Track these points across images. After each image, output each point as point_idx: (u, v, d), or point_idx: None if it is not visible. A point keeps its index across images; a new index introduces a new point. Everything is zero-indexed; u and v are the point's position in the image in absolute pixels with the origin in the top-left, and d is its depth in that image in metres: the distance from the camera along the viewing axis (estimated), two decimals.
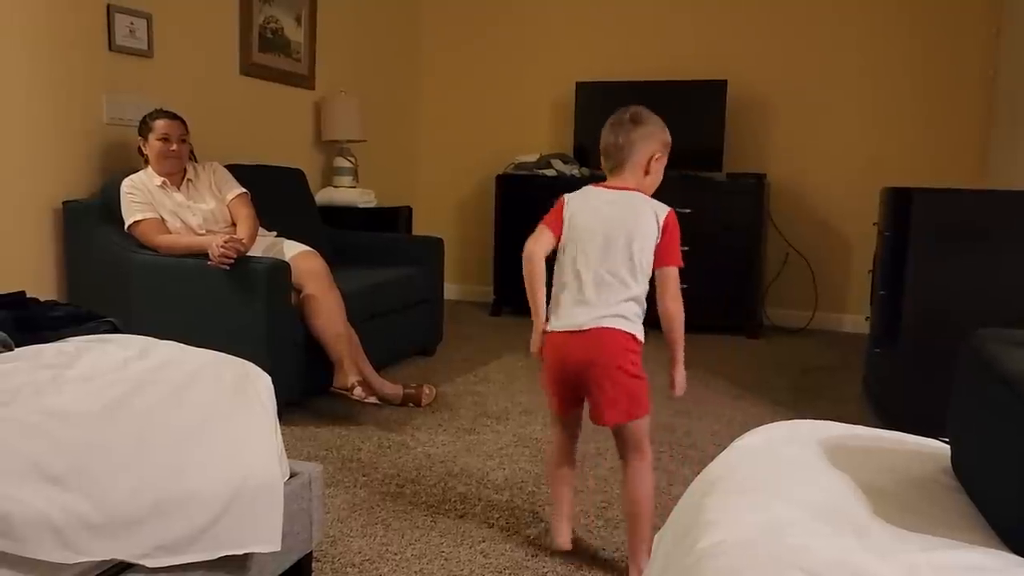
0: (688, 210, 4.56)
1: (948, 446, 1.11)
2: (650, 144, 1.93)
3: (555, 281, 1.92)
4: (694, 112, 4.72)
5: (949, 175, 4.49)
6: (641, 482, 1.91)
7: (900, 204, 2.93)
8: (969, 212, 2.74)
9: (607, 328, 1.83)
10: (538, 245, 1.92)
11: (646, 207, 1.87)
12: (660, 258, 1.87)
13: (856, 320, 4.70)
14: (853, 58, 4.71)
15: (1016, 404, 0.87)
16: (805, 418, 3.04)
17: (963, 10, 4.47)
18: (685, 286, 2.04)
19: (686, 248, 2.05)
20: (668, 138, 2.00)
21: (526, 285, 1.94)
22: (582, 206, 1.90)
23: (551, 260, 1.95)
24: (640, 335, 1.92)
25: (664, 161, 1.97)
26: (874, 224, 3.53)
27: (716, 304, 4.56)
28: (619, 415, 1.87)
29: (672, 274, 1.89)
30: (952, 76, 4.54)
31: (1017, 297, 2.68)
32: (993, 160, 4.33)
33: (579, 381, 1.86)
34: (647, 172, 1.93)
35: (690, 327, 2.25)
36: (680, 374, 2.04)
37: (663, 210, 1.88)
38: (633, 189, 1.90)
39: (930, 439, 1.24)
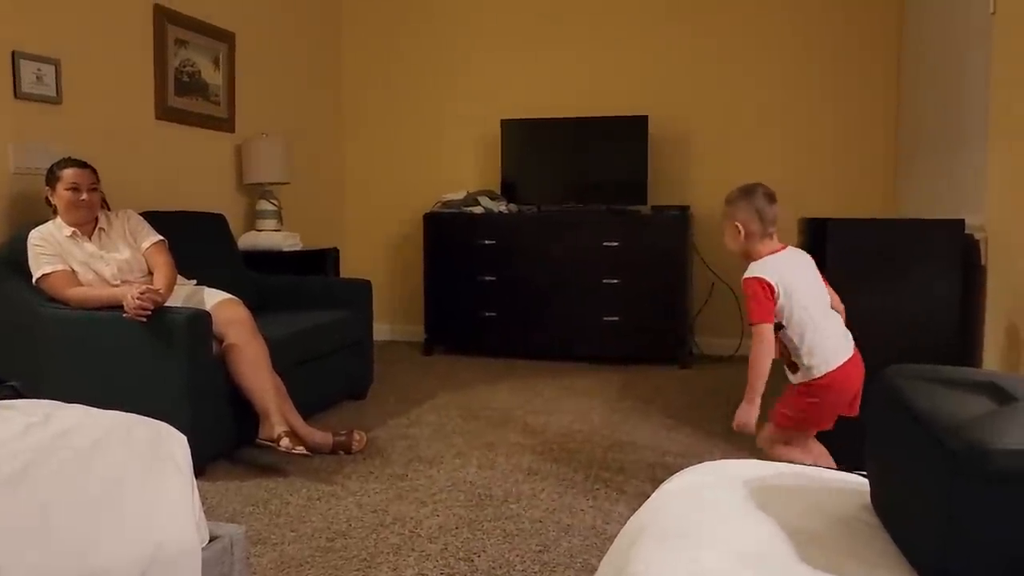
0: (615, 243, 4.64)
1: (868, 481, 1.13)
2: None
3: None
4: (617, 147, 4.82)
5: (862, 205, 4.67)
6: None
7: (816, 233, 3.03)
8: (879, 240, 2.84)
9: None
10: None
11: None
12: None
13: None
14: (769, 93, 4.88)
15: (926, 442, 0.89)
16: (737, 447, 3.10)
17: (870, 49, 4.69)
18: (615, 319, 2.19)
19: (615, 280, 2.23)
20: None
21: None
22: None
23: None
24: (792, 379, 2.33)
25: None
26: None
27: (646, 335, 4.62)
28: None
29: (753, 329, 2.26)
30: (862, 112, 4.74)
31: (927, 322, 2.78)
32: (900, 190, 4.52)
33: None
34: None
35: (622, 359, 2.31)
36: (740, 409, 2.30)
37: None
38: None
39: (851, 474, 1.26)
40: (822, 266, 2.87)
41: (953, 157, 3.44)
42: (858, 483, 1.20)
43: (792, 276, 2.24)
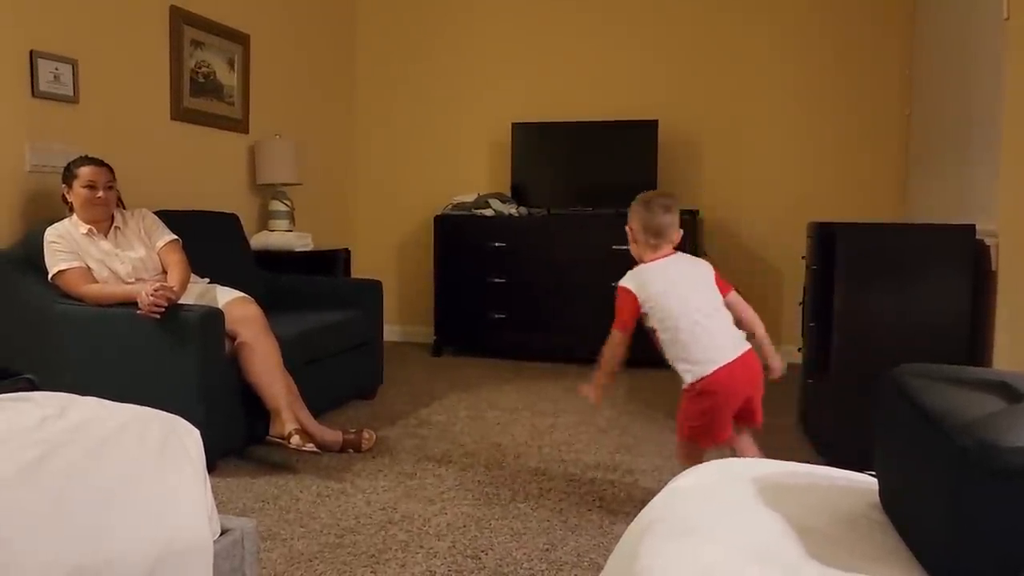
0: (625, 247, 4.62)
1: (877, 480, 1.13)
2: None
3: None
4: (627, 152, 4.83)
5: (872, 210, 4.67)
6: None
7: (825, 238, 3.03)
8: (890, 245, 2.84)
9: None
10: None
11: None
12: None
13: (789, 351, 4.79)
14: (779, 98, 4.88)
15: (936, 440, 0.90)
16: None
17: (881, 53, 4.69)
18: None
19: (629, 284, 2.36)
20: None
21: None
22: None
23: None
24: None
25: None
26: (802, 258, 3.64)
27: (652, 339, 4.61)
28: None
29: None
30: (873, 115, 4.74)
31: (936, 326, 2.78)
32: (911, 195, 4.52)
33: None
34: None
35: (629, 362, 2.36)
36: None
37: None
38: None
39: (860, 473, 1.26)
40: (832, 271, 2.88)
41: (964, 162, 3.43)
42: (866, 482, 1.20)
43: (665, 282, 2.31)
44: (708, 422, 2.24)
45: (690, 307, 2.25)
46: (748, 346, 2.26)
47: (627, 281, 2.37)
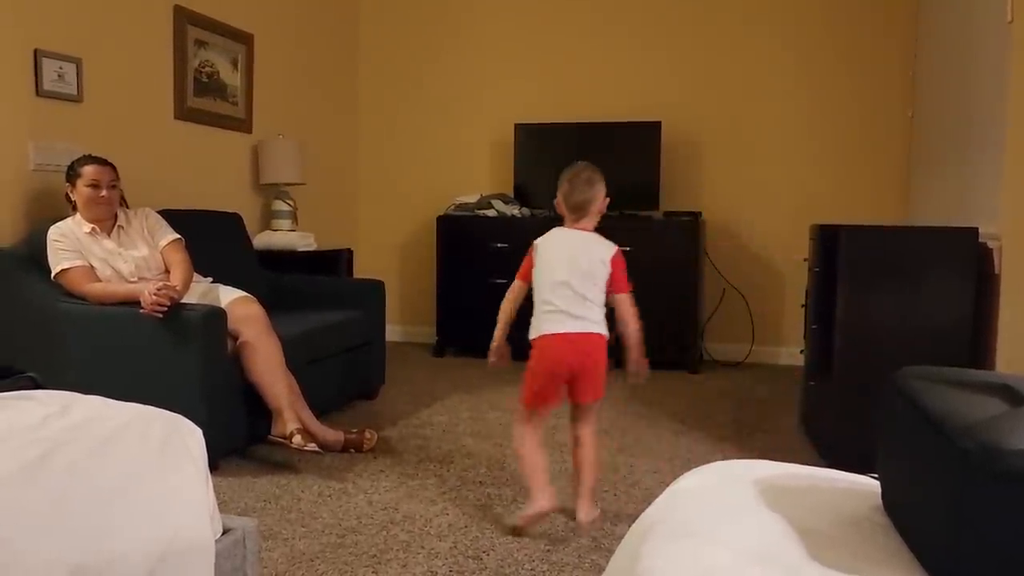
0: (627, 248, 4.63)
1: (879, 483, 1.13)
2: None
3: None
4: (630, 153, 4.83)
5: (874, 212, 4.67)
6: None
7: (827, 240, 3.03)
8: (892, 248, 2.84)
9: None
10: None
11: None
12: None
13: (792, 353, 4.81)
14: (782, 100, 4.88)
15: (938, 442, 0.90)
16: (746, 452, 3.11)
17: (885, 55, 4.69)
18: None
19: None
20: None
21: None
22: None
23: None
24: None
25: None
26: (804, 260, 3.63)
27: (656, 340, 4.58)
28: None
29: None
30: (875, 117, 4.73)
31: (939, 329, 2.78)
32: (913, 197, 4.51)
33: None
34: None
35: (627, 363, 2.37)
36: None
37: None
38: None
39: (862, 476, 1.26)
40: (834, 273, 2.88)
41: (967, 165, 3.43)
42: (868, 484, 1.20)
43: (552, 251, 2.42)
44: (528, 381, 2.41)
45: (555, 279, 2.36)
46: (593, 331, 2.34)
47: (537, 240, 2.49)
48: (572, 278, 2.34)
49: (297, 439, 2.75)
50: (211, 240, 3.51)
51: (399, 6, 5.52)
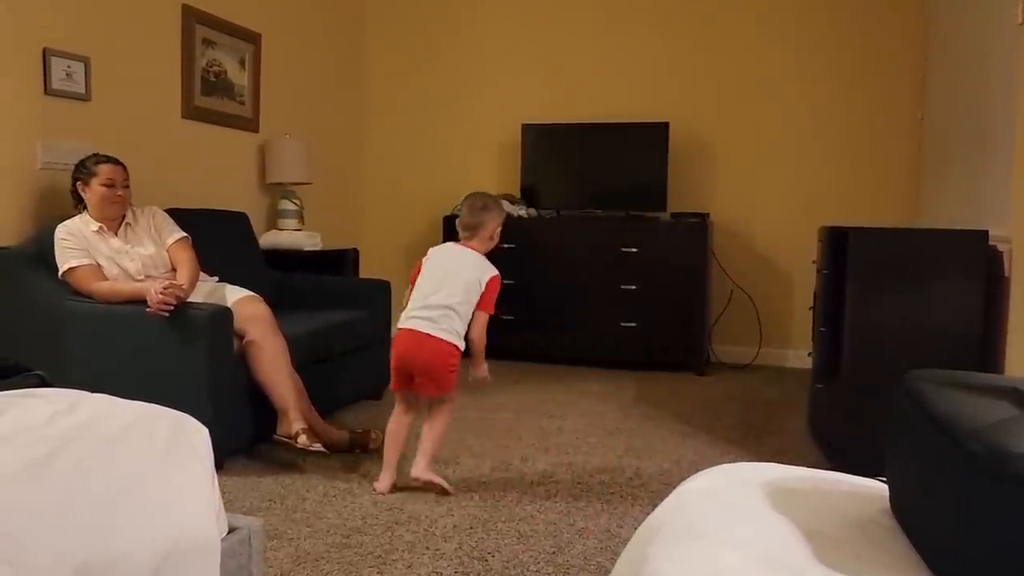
0: (634, 249, 4.65)
1: (887, 486, 1.12)
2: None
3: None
4: (637, 154, 4.82)
5: (883, 214, 4.65)
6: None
7: (836, 242, 3.01)
8: (901, 250, 2.82)
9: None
10: None
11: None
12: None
13: (799, 355, 4.79)
14: (791, 101, 4.86)
15: (947, 445, 0.89)
16: (753, 455, 3.10)
17: (894, 57, 4.67)
18: (632, 324, 2.26)
19: (633, 286, 2.36)
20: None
21: None
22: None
23: None
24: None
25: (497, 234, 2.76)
26: (813, 262, 3.62)
27: (663, 342, 4.61)
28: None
29: None
30: (885, 119, 4.72)
31: (948, 332, 2.76)
32: (923, 200, 4.49)
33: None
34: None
35: (638, 365, 2.35)
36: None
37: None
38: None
39: (870, 479, 1.25)
40: (843, 275, 2.87)
41: (977, 167, 3.41)
42: (876, 487, 1.20)
43: (432, 262, 2.69)
44: (390, 367, 2.67)
45: (424, 286, 2.62)
46: (440, 336, 2.56)
47: (431, 249, 2.76)
48: (441, 287, 2.59)
49: (302, 439, 2.75)
50: (217, 239, 3.52)
51: (406, 6, 5.52)
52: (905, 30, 4.64)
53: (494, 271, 2.65)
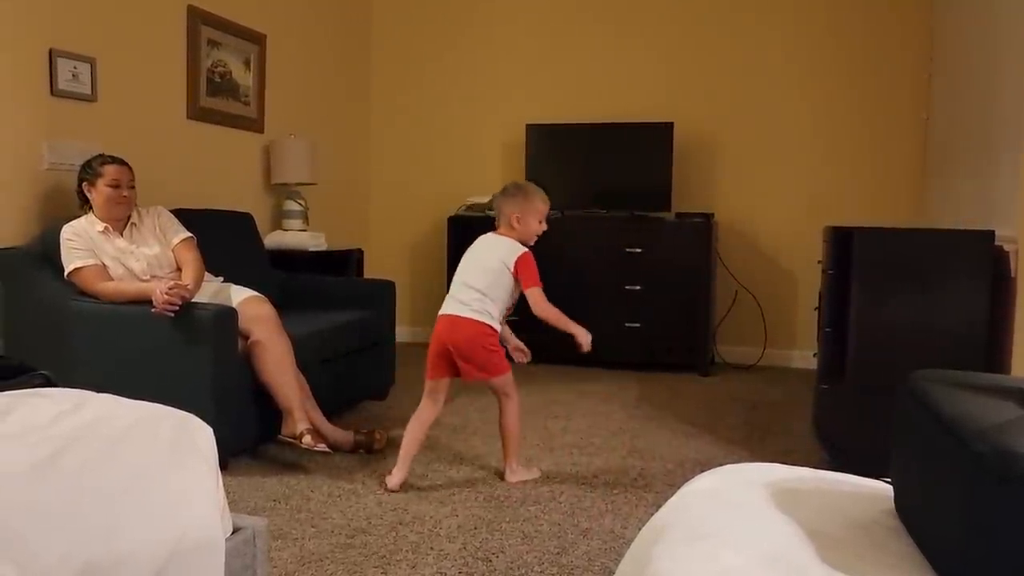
0: (639, 249, 4.64)
1: (891, 486, 1.12)
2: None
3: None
4: (642, 154, 4.82)
5: (888, 214, 4.64)
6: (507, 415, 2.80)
7: (841, 242, 3.01)
8: (907, 250, 2.81)
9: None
10: None
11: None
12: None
13: (804, 356, 4.78)
14: (795, 101, 4.86)
15: (953, 446, 0.89)
16: (757, 456, 3.09)
17: (899, 57, 4.66)
18: (637, 325, 2.29)
19: (637, 287, 2.38)
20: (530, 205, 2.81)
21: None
22: None
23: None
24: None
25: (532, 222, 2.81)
26: (818, 262, 3.61)
27: (667, 342, 4.61)
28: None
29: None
30: (890, 119, 4.71)
31: (954, 332, 2.75)
32: (929, 200, 4.48)
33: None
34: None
35: (642, 365, 2.35)
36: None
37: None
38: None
39: (875, 480, 1.25)
40: (848, 275, 2.86)
41: (984, 167, 3.40)
42: (880, 488, 1.19)
43: (467, 252, 2.83)
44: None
45: (458, 274, 2.79)
46: (468, 316, 2.69)
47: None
48: (470, 272, 2.75)
49: (307, 439, 2.76)
50: (223, 239, 3.52)
51: (411, 6, 5.52)
52: (910, 30, 4.63)
53: (521, 250, 2.74)
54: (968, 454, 0.84)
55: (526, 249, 2.76)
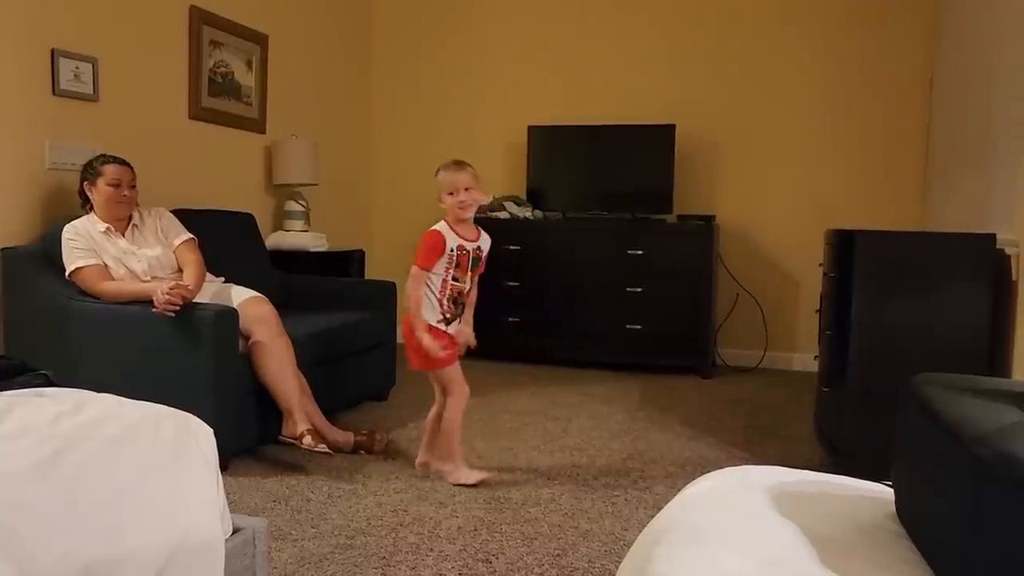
0: (640, 252, 4.64)
1: (893, 490, 1.12)
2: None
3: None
4: (644, 156, 4.82)
5: (890, 217, 4.64)
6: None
7: (843, 245, 3.00)
8: (909, 253, 2.81)
9: None
10: None
11: None
12: None
13: (805, 359, 4.78)
14: (798, 103, 4.85)
15: (954, 450, 0.88)
16: (758, 458, 3.09)
17: (901, 60, 4.66)
18: (638, 327, 2.29)
19: (639, 289, 2.33)
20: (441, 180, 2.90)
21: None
22: None
23: None
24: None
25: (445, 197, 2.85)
26: (820, 265, 3.61)
27: (669, 344, 4.60)
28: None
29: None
30: (891, 122, 4.70)
31: (956, 336, 2.75)
32: (930, 203, 4.48)
33: None
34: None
35: (644, 367, 2.35)
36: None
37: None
38: None
39: (876, 483, 1.25)
40: (850, 278, 2.86)
41: (985, 171, 3.40)
42: (882, 492, 1.19)
43: None
44: None
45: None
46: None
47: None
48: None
49: (307, 440, 2.76)
50: (224, 240, 3.53)
51: (412, 8, 5.52)
52: (913, 33, 4.63)
53: (431, 228, 2.81)
54: (970, 458, 0.84)
55: (435, 227, 2.80)
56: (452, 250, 2.79)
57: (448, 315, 2.79)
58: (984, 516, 0.82)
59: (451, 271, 2.78)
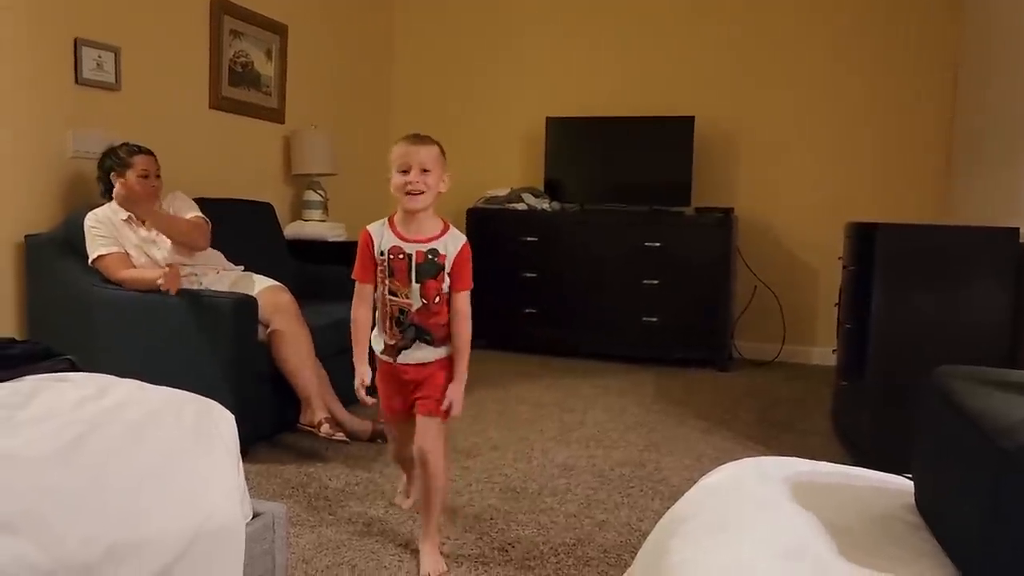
0: (657, 244, 4.62)
1: (912, 482, 1.11)
2: None
3: None
4: (662, 148, 4.80)
5: (911, 210, 4.59)
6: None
7: (863, 238, 2.98)
8: (930, 247, 2.79)
9: None
10: None
11: None
12: None
13: (824, 352, 4.75)
14: (818, 95, 4.81)
15: (977, 442, 0.88)
16: (774, 452, 3.08)
17: (925, 53, 4.60)
18: (654, 319, 2.19)
19: (656, 281, 2.22)
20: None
21: None
22: None
23: None
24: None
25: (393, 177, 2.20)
26: (839, 258, 3.58)
27: (685, 337, 4.59)
28: None
29: None
30: (914, 115, 4.65)
31: (977, 330, 2.72)
32: (952, 196, 4.43)
33: None
34: None
35: (660, 360, 2.32)
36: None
37: None
38: None
39: (895, 475, 1.24)
40: (870, 272, 2.84)
41: (1008, 164, 3.36)
42: (900, 484, 1.19)
43: None
44: None
45: None
46: None
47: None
48: None
49: (325, 428, 2.78)
50: (242, 229, 3.55)
51: None
52: (936, 25, 4.57)
53: None
54: (993, 451, 0.83)
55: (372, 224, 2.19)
56: (383, 253, 2.15)
57: (395, 341, 2.15)
58: (1006, 507, 0.82)
59: (385, 282, 2.14)
